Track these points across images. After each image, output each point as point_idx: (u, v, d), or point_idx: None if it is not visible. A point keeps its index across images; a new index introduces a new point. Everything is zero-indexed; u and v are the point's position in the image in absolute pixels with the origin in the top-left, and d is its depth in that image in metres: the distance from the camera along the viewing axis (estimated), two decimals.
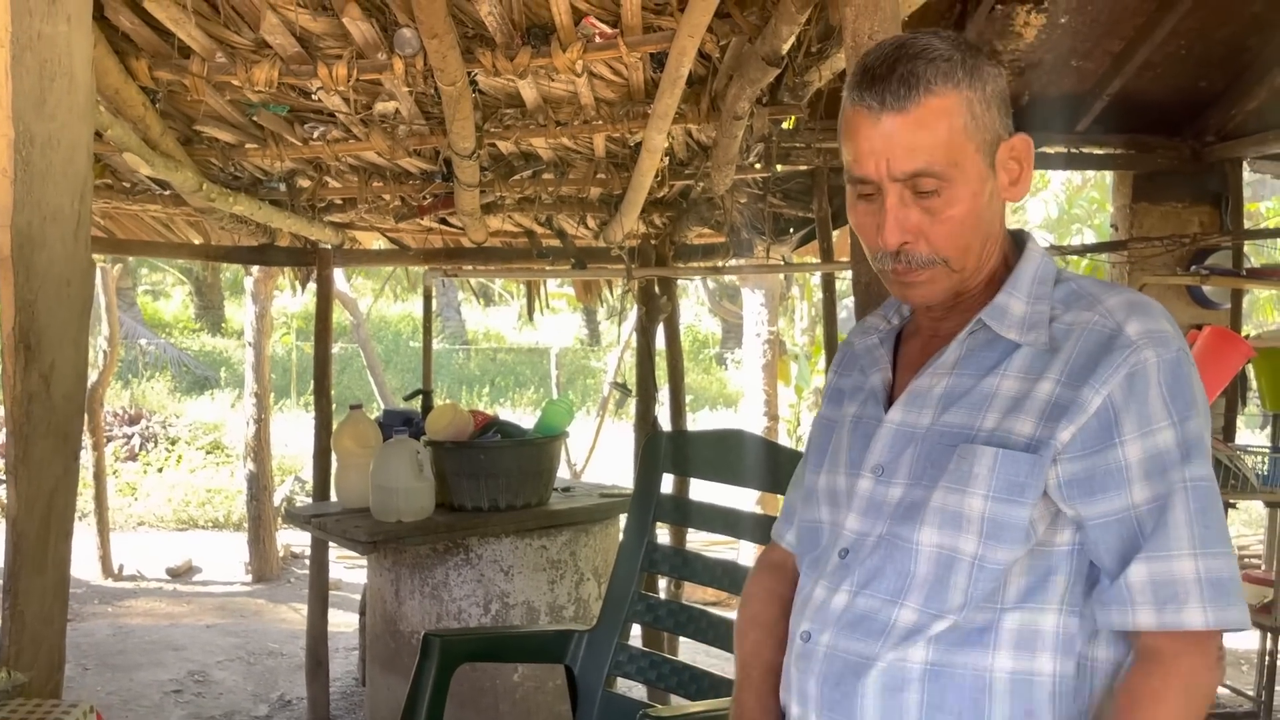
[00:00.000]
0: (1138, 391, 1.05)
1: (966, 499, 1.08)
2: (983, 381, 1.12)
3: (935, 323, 1.21)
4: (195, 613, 5.75)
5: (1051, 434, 1.06)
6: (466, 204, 3.50)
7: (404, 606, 3.54)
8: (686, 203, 3.93)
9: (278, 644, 4.99)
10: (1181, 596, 1.03)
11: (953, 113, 1.08)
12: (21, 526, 1.62)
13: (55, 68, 1.59)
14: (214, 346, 16.39)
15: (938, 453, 1.11)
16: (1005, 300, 1.13)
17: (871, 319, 1.31)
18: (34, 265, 1.59)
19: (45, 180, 1.59)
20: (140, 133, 2.56)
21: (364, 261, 5.20)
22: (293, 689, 4.27)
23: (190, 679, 4.46)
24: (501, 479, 3.52)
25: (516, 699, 3.46)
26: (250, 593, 6.28)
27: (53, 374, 1.64)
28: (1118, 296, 1.10)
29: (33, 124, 1.55)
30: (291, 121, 2.90)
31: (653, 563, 2.66)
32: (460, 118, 2.62)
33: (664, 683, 2.53)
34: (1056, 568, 1.08)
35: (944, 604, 1.08)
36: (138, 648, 4.84)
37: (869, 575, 1.13)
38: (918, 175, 1.08)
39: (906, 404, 1.17)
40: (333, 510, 3.73)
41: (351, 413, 3.80)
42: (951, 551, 1.08)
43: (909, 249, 1.10)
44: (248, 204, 3.30)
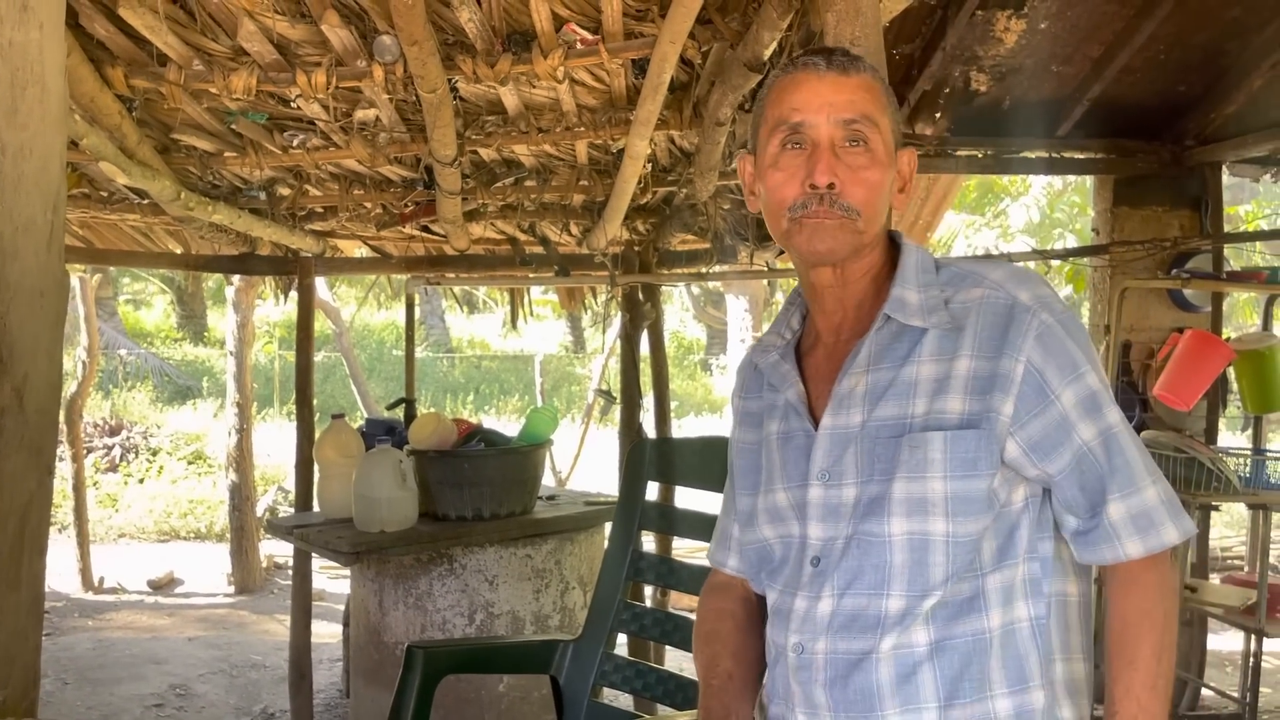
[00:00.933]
0: (1051, 348, 1.15)
1: (928, 484, 1.14)
2: (901, 371, 1.18)
3: (835, 329, 1.27)
4: (177, 625, 5.69)
5: (987, 407, 1.14)
6: (449, 211, 3.48)
7: (388, 617, 3.51)
8: (669, 209, 3.92)
9: (261, 656, 4.95)
10: (1157, 521, 1.15)
11: (879, 94, 1.22)
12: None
13: (27, 76, 1.57)
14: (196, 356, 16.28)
15: (880, 446, 1.17)
16: (901, 292, 1.20)
17: (767, 338, 1.36)
18: (6, 276, 1.56)
19: (17, 190, 1.57)
20: (117, 141, 2.54)
21: (346, 270, 5.17)
22: (276, 702, 4.23)
23: (172, 693, 4.41)
24: (485, 488, 3.50)
25: (502, 710, 3.43)
26: (233, 604, 6.22)
27: (26, 387, 1.61)
28: (999, 270, 1.21)
29: (4, 133, 1.53)
30: (271, 129, 2.88)
31: (638, 571, 2.64)
32: (441, 125, 2.60)
33: (650, 692, 2.51)
34: (1018, 524, 1.17)
35: (927, 584, 1.14)
36: (118, 661, 4.79)
37: (849, 576, 1.17)
38: (854, 123, 1.19)
39: (835, 408, 1.21)
40: (315, 521, 3.69)
41: (333, 422, 3.77)
42: (924, 535, 1.14)
43: (835, 193, 1.18)
44: (227, 213, 3.27)
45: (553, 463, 7.56)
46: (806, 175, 1.19)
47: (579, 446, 8.31)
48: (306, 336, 4.26)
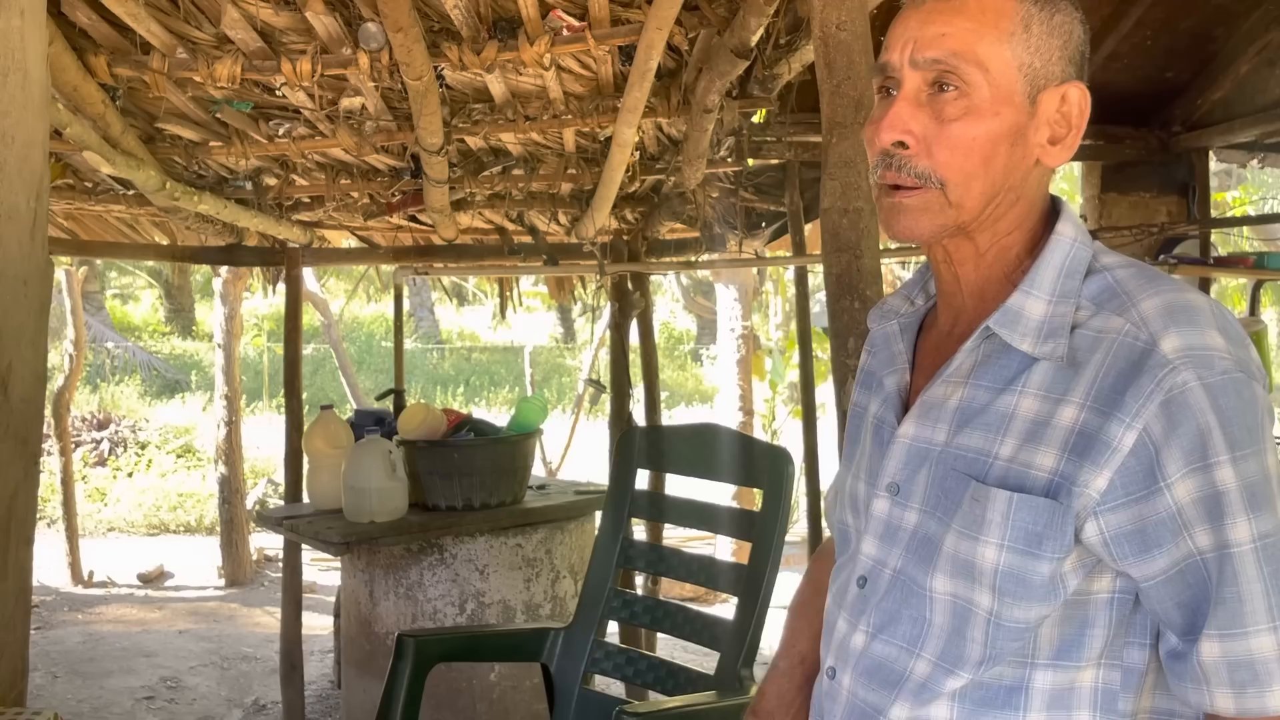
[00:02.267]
0: (1179, 422, 0.87)
1: (979, 547, 0.93)
2: (1000, 398, 0.95)
3: (954, 313, 1.03)
4: (167, 618, 5.68)
5: (1076, 475, 0.89)
6: (436, 201, 3.47)
7: (378, 608, 3.51)
8: (658, 197, 3.92)
9: (252, 648, 4.94)
10: (1263, 679, 0.88)
11: (1004, 16, 0.93)
12: None
13: (8, 63, 1.56)
14: (184, 349, 16.22)
15: (951, 480, 0.96)
16: (1021, 301, 0.95)
17: (892, 300, 1.13)
18: None
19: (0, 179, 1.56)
20: (100, 130, 2.52)
21: (333, 260, 5.15)
22: (267, 693, 4.23)
23: (163, 685, 4.40)
24: (475, 477, 3.49)
25: (494, 699, 3.44)
26: (223, 597, 6.22)
27: (10, 376, 1.60)
28: (1157, 298, 0.91)
29: None
30: (256, 118, 2.86)
31: (629, 559, 2.65)
32: (427, 113, 2.59)
33: (641, 679, 2.52)
34: (1094, 620, 0.93)
35: (960, 659, 0.96)
36: (109, 655, 4.78)
37: (885, 618, 1.01)
38: (939, 62, 0.92)
39: (920, 417, 1.01)
40: (305, 512, 3.69)
41: (322, 413, 3.76)
42: (966, 603, 0.95)
43: (906, 155, 0.94)
44: (213, 203, 3.25)
45: (543, 453, 7.56)
46: (877, 131, 0.95)
47: (569, 436, 8.31)
48: (295, 328, 4.24)
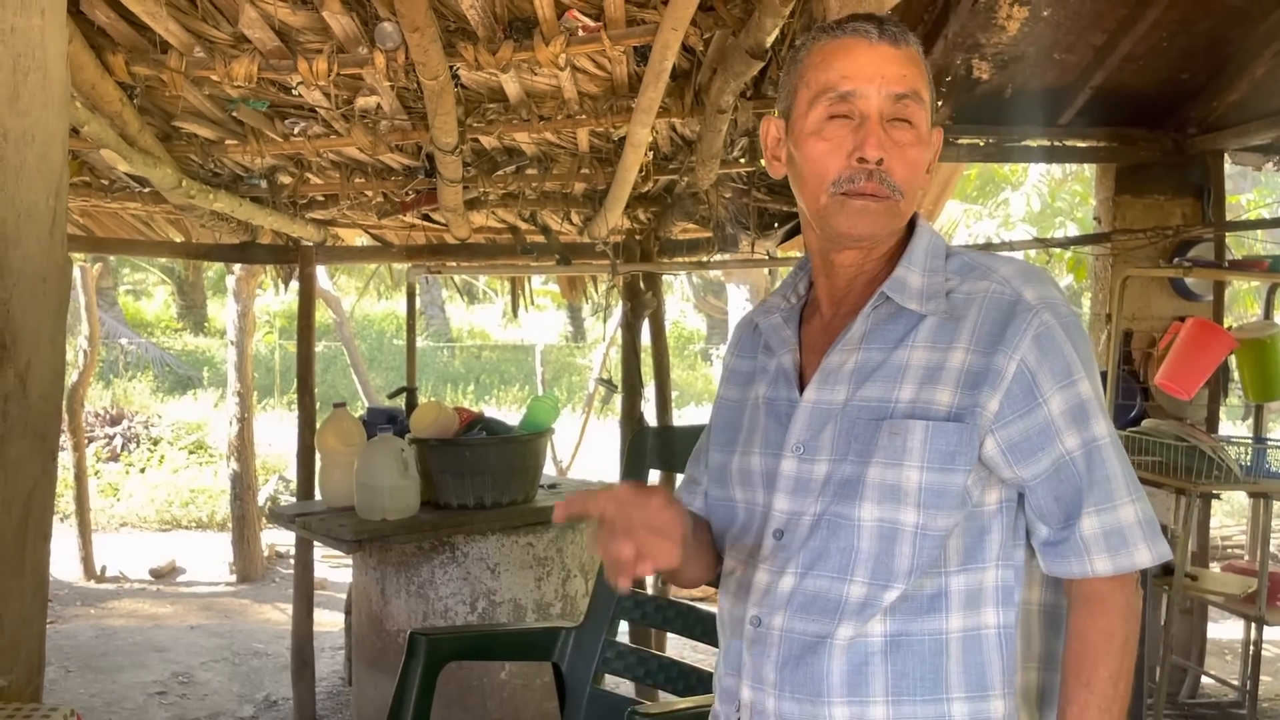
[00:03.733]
0: (1047, 350, 1.11)
1: (904, 472, 1.11)
2: (893, 354, 1.15)
3: (836, 302, 1.23)
4: (179, 614, 5.70)
5: (974, 402, 1.11)
6: (449, 200, 3.48)
7: (390, 605, 3.52)
8: (671, 197, 3.92)
9: (263, 644, 4.96)
10: (1131, 541, 1.12)
11: (924, 69, 1.18)
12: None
13: (29, 62, 1.57)
14: (196, 346, 16.28)
15: (859, 428, 1.14)
16: (904, 274, 1.17)
17: (772, 299, 1.33)
18: (8, 263, 1.57)
19: (19, 176, 1.57)
20: (118, 129, 2.53)
21: (347, 258, 5.17)
22: (278, 689, 4.24)
23: (174, 680, 4.42)
24: (487, 476, 3.50)
25: (504, 697, 3.45)
26: (235, 593, 6.24)
27: (29, 373, 1.61)
28: (1009, 266, 1.17)
29: (6, 119, 1.53)
30: (272, 117, 2.87)
31: None
32: (442, 112, 2.60)
33: (652, 679, 2.52)
34: (989, 526, 1.14)
35: (891, 575, 1.12)
36: (121, 649, 4.80)
37: (814, 556, 1.15)
38: (905, 97, 1.15)
39: (820, 382, 1.18)
40: (317, 509, 3.70)
41: (335, 411, 3.77)
42: (893, 524, 1.11)
43: (884, 169, 1.15)
44: (228, 201, 3.26)
45: (554, 452, 7.56)
46: (855, 148, 1.14)
47: (580, 436, 8.32)
48: (308, 325, 4.26)
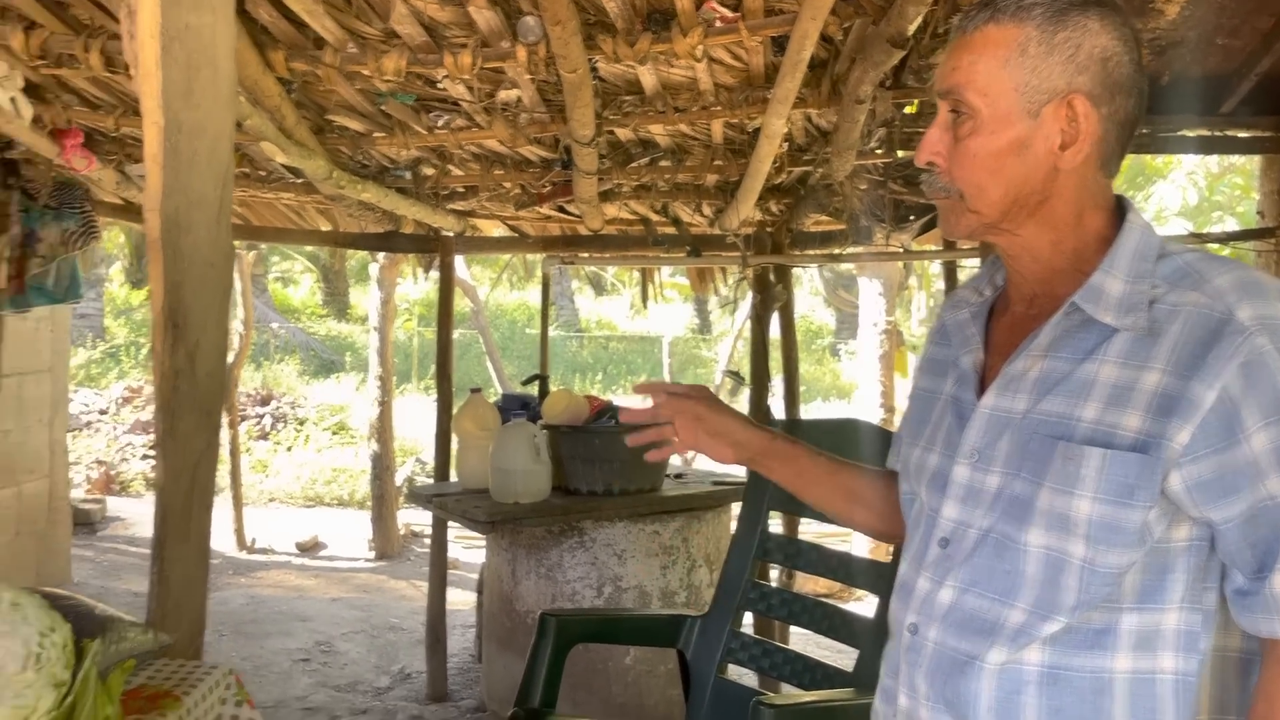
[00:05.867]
0: (1256, 380, 0.97)
1: (1074, 500, 1.02)
2: (1080, 367, 1.06)
3: (1027, 299, 1.15)
4: (321, 586, 5.97)
5: (1163, 432, 1.00)
6: (585, 191, 3.53)
7: (520, 586, 3.61)
8: (804, 189, 3.88)
9: (398, 619, 5.15)
10: None
11: (1002, 45, 1.07)
12: (168, 497, 1.71)
13: (201, 58, 1.66)
14: (339, 331, 16.96)
15: (1036, 443, 1.06)
16: (1101, 280, 1.06)
17: (962, 291, 1.27)
18: (180, 248, 1.67)
19: (191, 167, 1.67)
20: (276, 122, 2.66)
21: (484, 249, 5.30)
22: (413, 663, 4.40)
23: (317, 649, 4.64)
24: (615, 464, 3.55)
25: (628, 682, 3.49)
26: (373, 569, 6.49)
27: (197, 352, 1.71)
28: (1228, 275, 1.03)
29: (180, 112, 1.63)
30: (417, 110, 2.97)
31: (766, 551, 2.65)
32: (580, 105, 2.64)
33: (776, 671, 2.52)
34: (1173, 565, 1.04)
35: (1054, 607, 1.05)
36: (269, 617, 5.06)
37: (976, 573, 1.10)
38: (949, 93, 1.10)
39: (1000, 389, 1.12)
40: (453, 490, 3.82)
41: (472, 396, 3.88)
42: (1060, 554, 1.04)
43: (937, 172, 1.12)
44: (375, 191, 3.40)
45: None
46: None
47: None
48: (447, 313, 4.39)
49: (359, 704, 3.94)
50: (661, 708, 3.50)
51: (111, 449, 9.31)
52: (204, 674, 1.54)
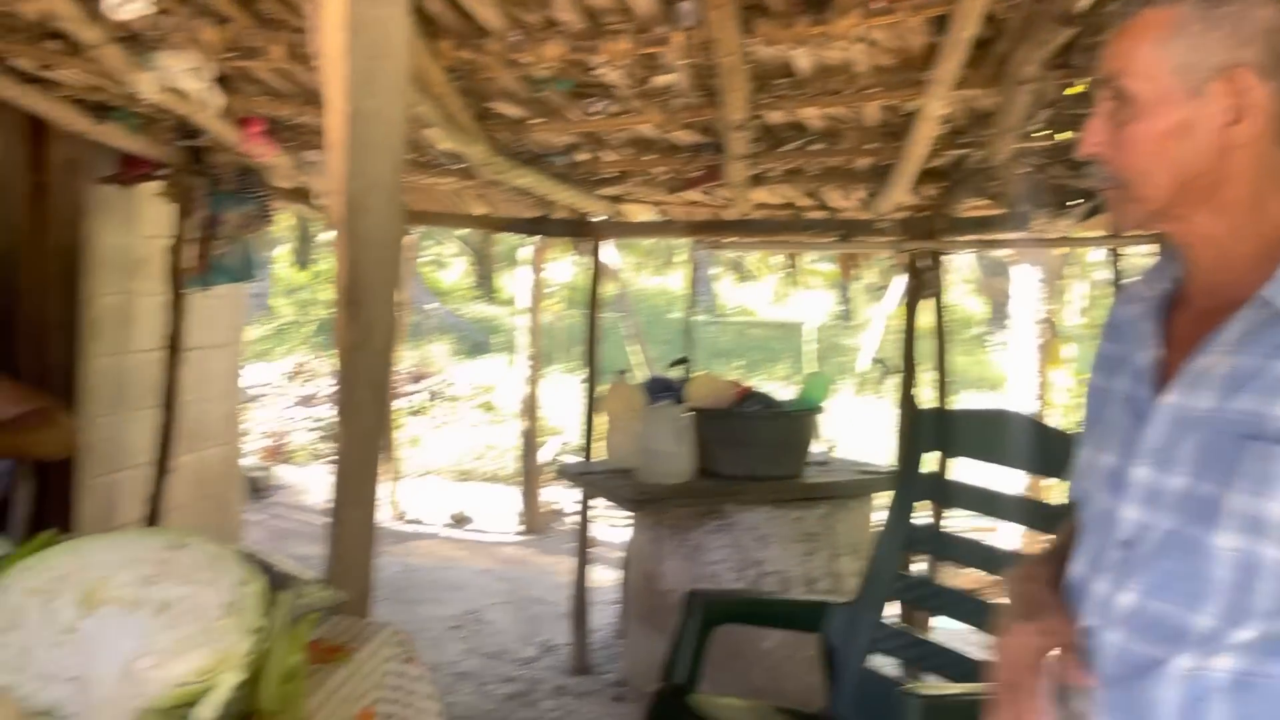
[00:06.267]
0: None
1: (1269, 502, 0.97)
2: (1272, 363, 1.00)
3: (1207, 291, 1.10)
4: (471, 557, 6.20)
5: None
6: (734, 176, 3.54)
7: (663, 565, 3.66)
8: (961, 173, 3.78)
9: (543, 593, 5.30)
10: None
11: (1159, 26, 1.05)
12: (344, 464, 1.82)
13: (380, 48, 1.75)
14: (487, 313, 17.45)
15: (1225, 443, 1.01)
16: None
17: (1136, 285, 1.22)
18: (358, 230, 1.77)
19: (369, 152, 1.76)
20: (441, 110, 2.77)
21: (633, 233, 5.37)
22: (556, 635, 4.52)
23: (468, 617, 4.83)
24: (759, 448, 3.57)
25: (768, 666, 3.50)
26: (520, 543, 6.69)
27: (372, 330, 1.82)
28: None
29: (361, 100, 1.72)
30: (574, 97, 3.03)
31: (913, 542, 2.62)
32: (734, 89, 2.65)
33: (924, 664, 2.49)
34: None
35: (1246, 613, 0.99)
36: (422, 585, 5.29)
37: (1161, 577, 1.04)
38: (1108, 81, 1.09)
39: (1184, 386, 1.06)
40: (600, 469, 3.91)
41: (619, 378, 3.96)
42: (1254, 557, 0.98)
43: (1100, 165, 1.10)
44: (531, 177, 3.49)
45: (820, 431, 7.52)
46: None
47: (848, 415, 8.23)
48: (595, 296, 4.47)
49: (506, 672, 4.08)
50: (800, 694, 3.49)
51: (280, 420, 9.87)
52: (374, 631, 1.64)
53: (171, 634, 1.16)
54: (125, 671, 1.11)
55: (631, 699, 3.77)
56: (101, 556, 1.23)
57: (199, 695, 1.13)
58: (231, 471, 5.66)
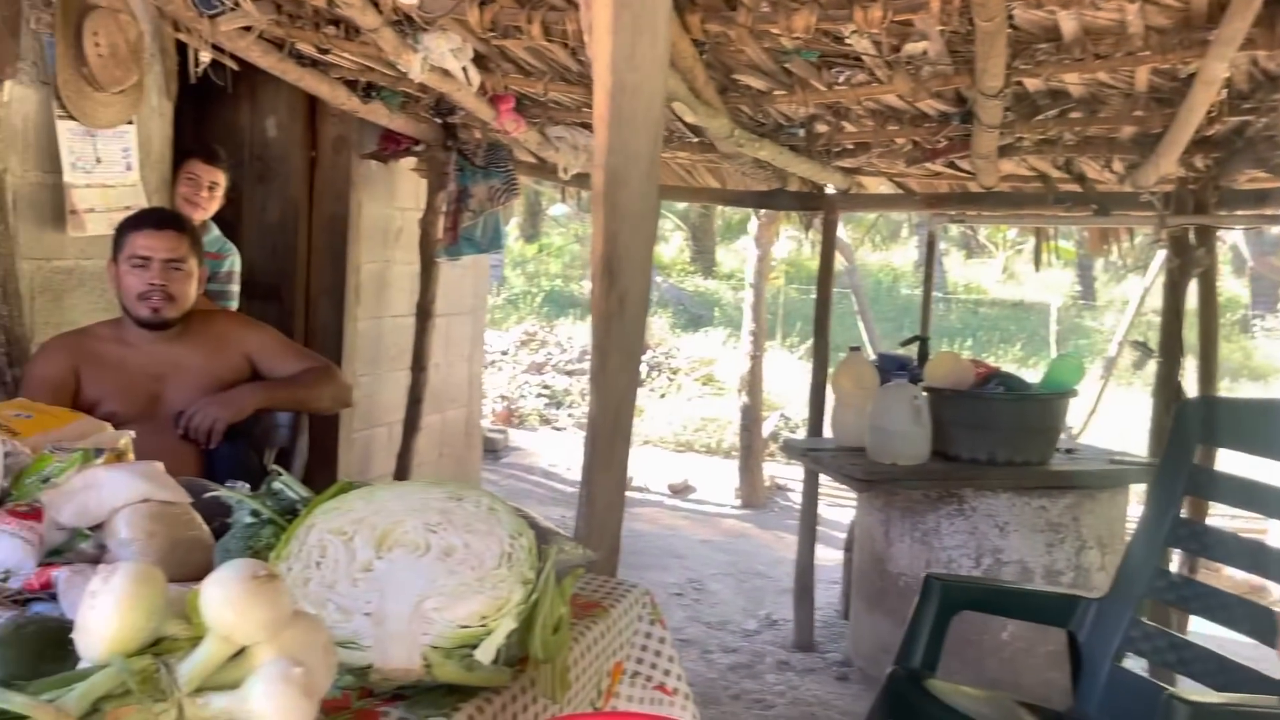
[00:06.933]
0: None
1: None
2: None
3: None
4: (691, 527, 6.29)
5: None
6: (983, 146, 3.38)
7: (893, 548, 3.59)
8: (1240, 141, 3.46)
9: (764, 567, 5.32)
10: None
11: None
12: (597, 428, 1.88)
13: (643, 22, 1.78)
14: (706, 287, 17.55)
15: None
16: None
17: None
18: (617, 201, 1.81)
19: (630, 126, 1.80)
20: (688, 83, 2.80)
21: (869, 206, 5.25)
22: (778, 610, 4.53)
23: (689, 585, 4.91)
24: (1002, 432, 3.42)
25: (1004, 658, 3.37)
26: (739, 516, 6.73)
27: (626, 298, 1.86)
28: None
29: (624, 75, 1.76)
30: (819, 67, 2.99)
31: (1177, 538, 2.45)
32: (993, 55, 2.53)
33: (1185, 669, 2.32)
34: None
35: None
36: (646, 551, 5.42)
37: None
38: None
39: None
40: (827, 446, 3.87)
41: (851, 354, 3.89)
42: None
43: None
44: (770, 149, 3.47)
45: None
46: None
47: (1095, 402, 7.75)
48: (828, 270, 4.41)
49: (729, 643, 4.13)
50: (1039, 689, 3.34)
51: (511, 385, 10.33)
52: (625, 591, 1.70)
53: (454, 579, 1.24)
54: (415, 610, 1.20)
55: (856, 679, 3.73)
56: (392, 504, 1.33)
57: (478, 639, 1.20)
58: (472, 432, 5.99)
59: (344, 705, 1.13)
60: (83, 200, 2.98)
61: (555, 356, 11.01)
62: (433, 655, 1.18)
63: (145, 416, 2.29)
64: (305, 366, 2.53)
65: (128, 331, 2.41)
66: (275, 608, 0.92)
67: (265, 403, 2.45)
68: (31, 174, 2.88)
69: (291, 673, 0.89)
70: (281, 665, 0.90)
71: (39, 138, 2.88)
